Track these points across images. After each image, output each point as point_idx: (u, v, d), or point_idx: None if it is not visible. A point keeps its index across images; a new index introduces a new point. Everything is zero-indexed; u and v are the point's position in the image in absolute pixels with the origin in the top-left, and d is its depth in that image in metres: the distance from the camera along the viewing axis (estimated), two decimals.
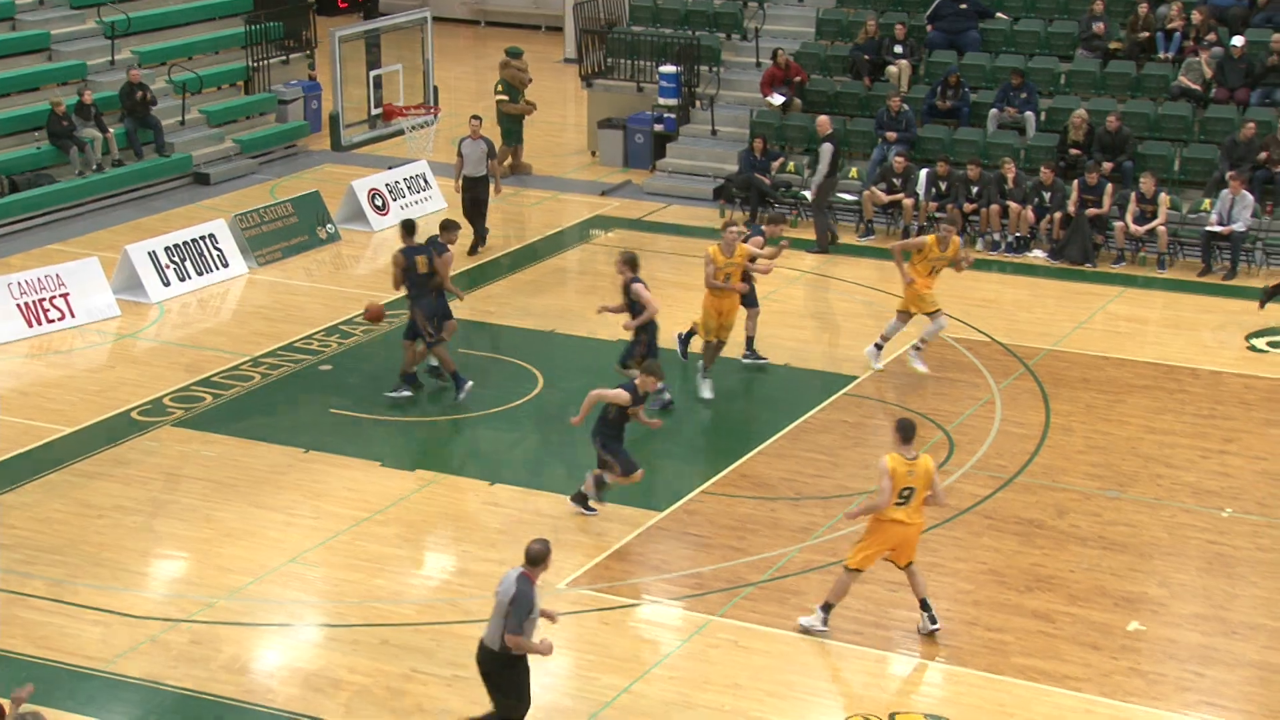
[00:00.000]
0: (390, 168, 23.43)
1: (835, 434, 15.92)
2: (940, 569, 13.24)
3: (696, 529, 13.94)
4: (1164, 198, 20.70)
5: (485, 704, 10.55)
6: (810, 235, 21.63)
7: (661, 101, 24.87)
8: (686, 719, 11.25)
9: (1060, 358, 17.78)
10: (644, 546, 13.65)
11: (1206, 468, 15.19)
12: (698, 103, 24.98)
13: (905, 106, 22.84)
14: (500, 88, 24.74)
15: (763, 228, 17.55)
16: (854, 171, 22.88)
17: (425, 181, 23.32)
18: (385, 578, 13.10)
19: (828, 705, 11.51)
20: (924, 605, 12.25)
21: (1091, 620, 12.52)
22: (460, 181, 21.17)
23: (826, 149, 21.29)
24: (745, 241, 16.56)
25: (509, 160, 24.49)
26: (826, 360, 17.60)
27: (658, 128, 24.88)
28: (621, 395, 13.74)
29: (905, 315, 16.95)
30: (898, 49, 23.83)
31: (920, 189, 21.60)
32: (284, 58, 27.12)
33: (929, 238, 16.89)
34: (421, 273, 16.07)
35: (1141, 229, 20.51)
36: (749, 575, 13.14)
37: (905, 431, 11.96)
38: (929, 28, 24.05)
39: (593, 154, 25.93)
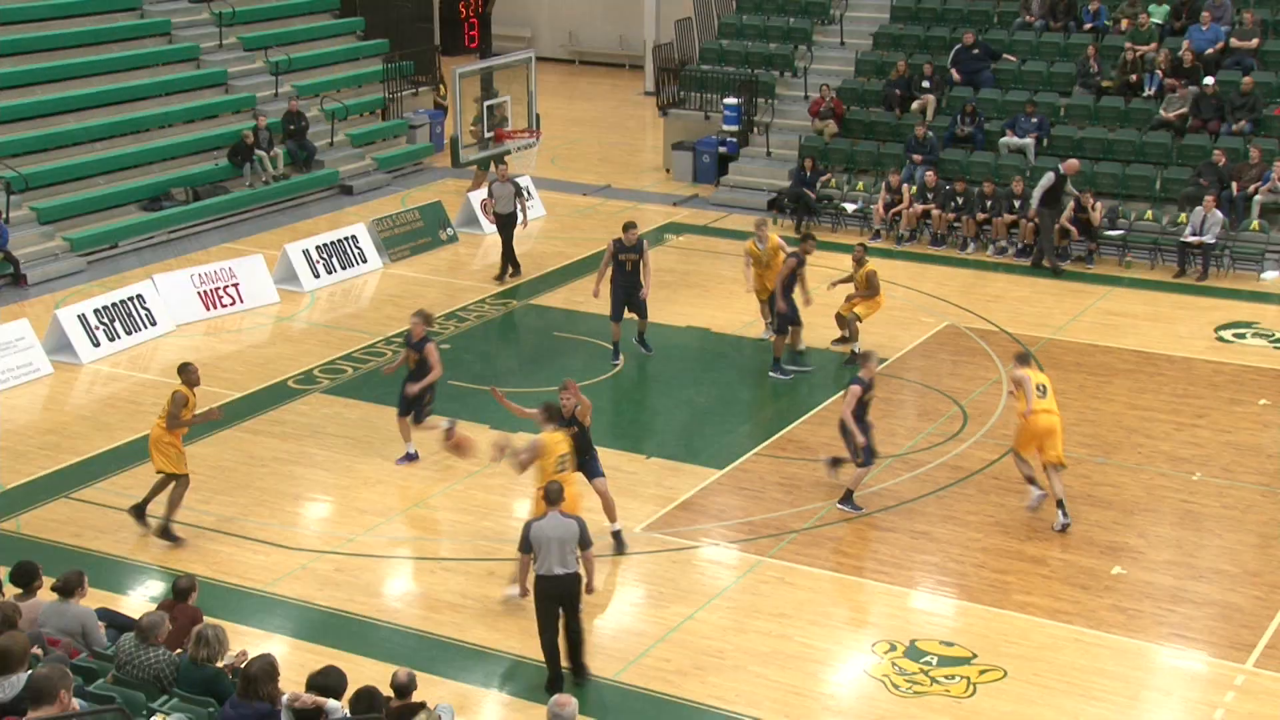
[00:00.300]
0: (514, 178, 23.43)
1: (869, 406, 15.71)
2: (954, 520, 13.08)
3: (750, 484, 13.86)
4: (1098, 206, 20.44)
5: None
6: (842, 239, 21.46)
7: (725, 128, 24.70)
8: (741, 641, 11.19)
9: (1057, 345, 17.48)
10: (706, 499, 13.59)
11: (1180, 439, 14.88)
12: (755, 129, 24.78)
13: (930, 133, 22.56)
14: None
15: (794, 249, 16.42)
16: (860, 185, 22.69)
17: (529, 193, 23.28)
18: (491, 520, 13.14)
19: (860, 632, 11.42)
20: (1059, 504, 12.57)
21: (1081, 565, 12.32)
22: (491, 217, 20.32)
23: (1048, 177, 20.01)
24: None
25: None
26: (863, 344, 17.40)
27: (722, 150, 24.73)
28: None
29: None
30: (925, 84, 23.53)
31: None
32: (414, 90, 27.24)
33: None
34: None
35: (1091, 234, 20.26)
36: (794, 523, 13.04)
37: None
38: (952, 70, 23.70)
39: (667, 171, 25.81)
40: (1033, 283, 19.98)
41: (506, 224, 19.77)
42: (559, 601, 10.26)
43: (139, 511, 12.72)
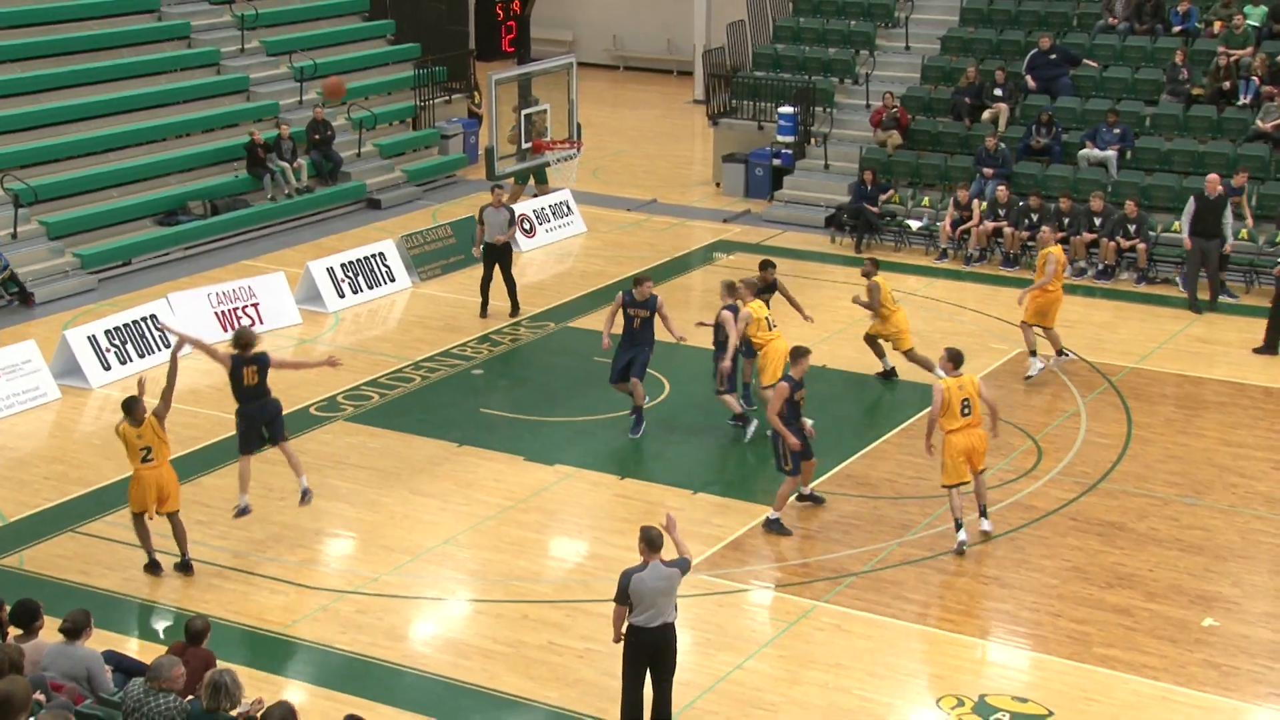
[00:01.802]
0: (534, 195, 23.59)
1: (933, 440, 15.61)
2: (1027, 565, 12.96)
3: (804, 523, 13.80)
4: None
5: (615, 674, 10.47)
6: (906, 259, 21.41)
7: (780, 139, 24.73)
8: (793, 694, 11.13)
9: (1142, 375, 17.32)
10: (756, 538, 13.54)
11: (1278, 478, 14.66)
12: (813, 140, 24.80)
13: (1002, 145, 22.48)
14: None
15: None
16: (926, 200, 22.66)
17: (568, 208, 23.43)
18: (526, 559, 13.15)
19: (923, 686, 11.32)
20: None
21: (1168, 616, 12.16)
22: (479, 248, 19.38)
23: (1190, 205, 19.67)
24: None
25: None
26: (925, 372, 17.31)
27: (776, 162, 24.74)
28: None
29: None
30: (997, 92, 23.46)
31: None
32: (447, 98, 27.47)
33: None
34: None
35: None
36: (852, 566, 12.97)
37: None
38: (1027, 77, 23.62)
39: (717, 185, 25.86)
40: (1115, 307, 19.82)
41: (500, 255, 19.12)
42: (652, 655, 10.07)
43: (186, 566, 12.75)
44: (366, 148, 25.31)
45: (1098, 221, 20.87)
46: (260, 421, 13.39)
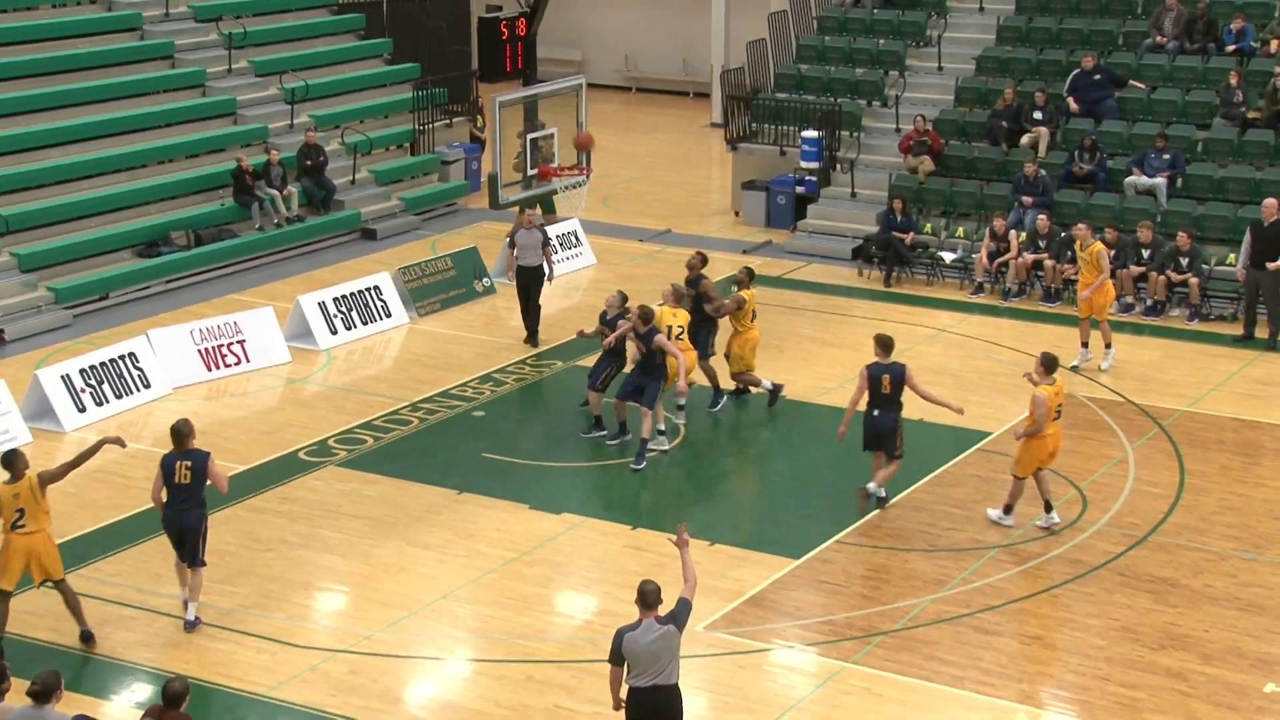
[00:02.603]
0: (542, 225, 23.64)
1: (968, 488, 15.62)
2: (1073, 624, 12.88)
3: (830, 577, 13.75)
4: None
5: None
6: (938, 294, 21.43)
7: (803, 165, 24.82)
8: None
9: (1195, 419, 17.27)
10: (778, 593, 13.49)
11: None
12: (838, 166, 24.89)
13: (1043, 172, 22.52)
14: None
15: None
16: (960, 231, 22.71)
17: (577, 239, 23.50)
18: (531, 615, 13.11)
19: None
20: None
21: (1227, 681, 12.07)
22: (513, 273, 19.85)
23: (1246, 238, 19.75)
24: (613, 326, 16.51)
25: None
26: (959, 417, 17.26)
27: (799, 189, 24.83)
28: None
29: None
30: (1037, 115, 23.53)
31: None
32: (447, 122, 27.64)
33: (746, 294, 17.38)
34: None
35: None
36: (882, 624, 12.91)
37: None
38: (1069, 99, 23.68)
39: (736, 214, 25.94)
40: (1166, 345, 19.80)
41: (532, 278, 19.54)
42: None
43: (87, 638, 12.45)
44: (361, 174, 25.45)
45: (1146, 254, 20.88)
46: (174, 529, 12.75)
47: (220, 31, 25.98)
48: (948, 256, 22.40)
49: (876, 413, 14.86)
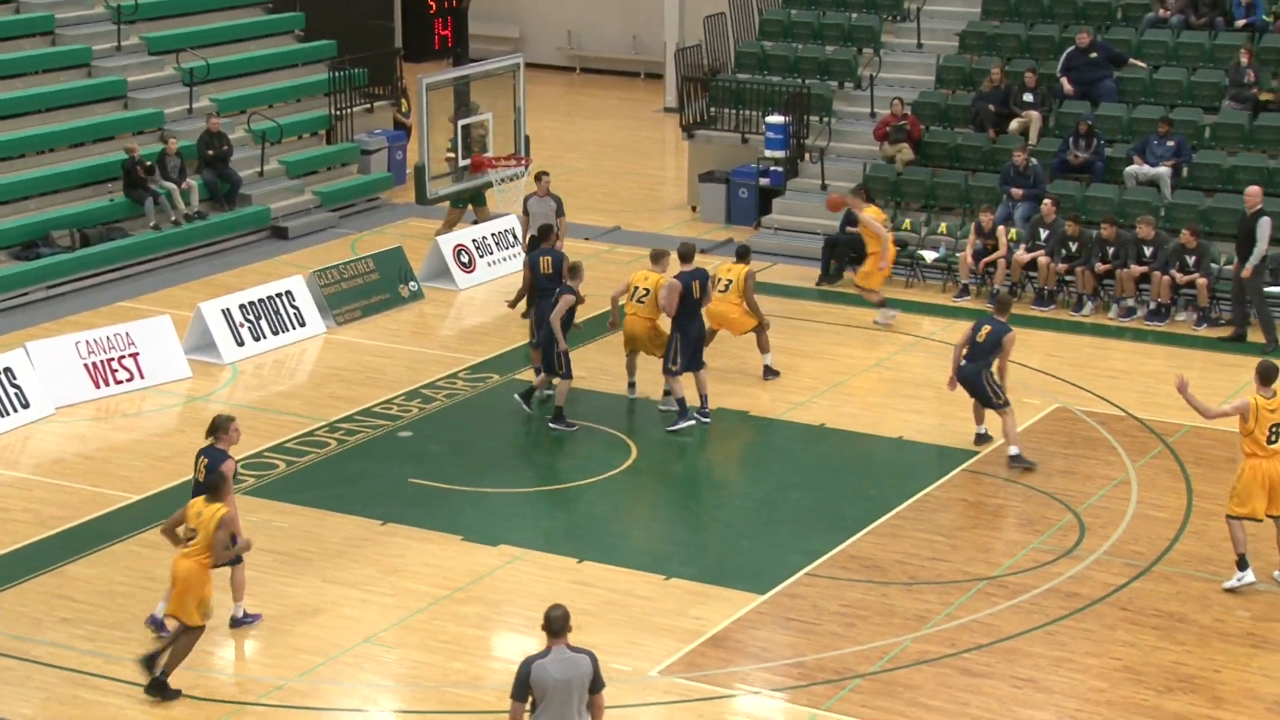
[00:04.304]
0: (473, 222, 23.70)
1: (954, 513, 15.75)
2: (1070, 664, 13.01)
3: (800, 614, 13.82)
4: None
5: None
6: (922, 297, 21.61)
7: (768, 154, 24.95)
8: None
9: (1203, 435, 17.47)
10: (743, 632, 13.55)
11: None
12: (807, 155, 25.02)
13: (1033, 161, 22.70)
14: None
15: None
16: (943, 227, 22.93)
17: (514, 237, 23.53)
18: (464, 660, 13.12)
19: None
20: None
21: None
22: (527, 241, 21.02)
23: (1266, 224, 20.01)
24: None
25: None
26: (943, 433, 17.44)
27: (763, 181, 24.95)
28: None
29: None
30: (1027, 97, 23.73)
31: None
32: (368, 106, 27.59)
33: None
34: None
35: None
36: (858, 666, 12.99)
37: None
38: (1063, 79, 23.91)
39: (693, 209, 26.03)
40: (1171, 353, 20.03)
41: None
42: None
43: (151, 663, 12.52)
44: (271, 165, 25.37)
45: (1148, 252, 21.11)
46: None
47: (107, 4, 25.84)
48: (929, 256, 22.54)
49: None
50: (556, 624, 9.93)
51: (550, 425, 17.44)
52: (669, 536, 15.52)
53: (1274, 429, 13.83)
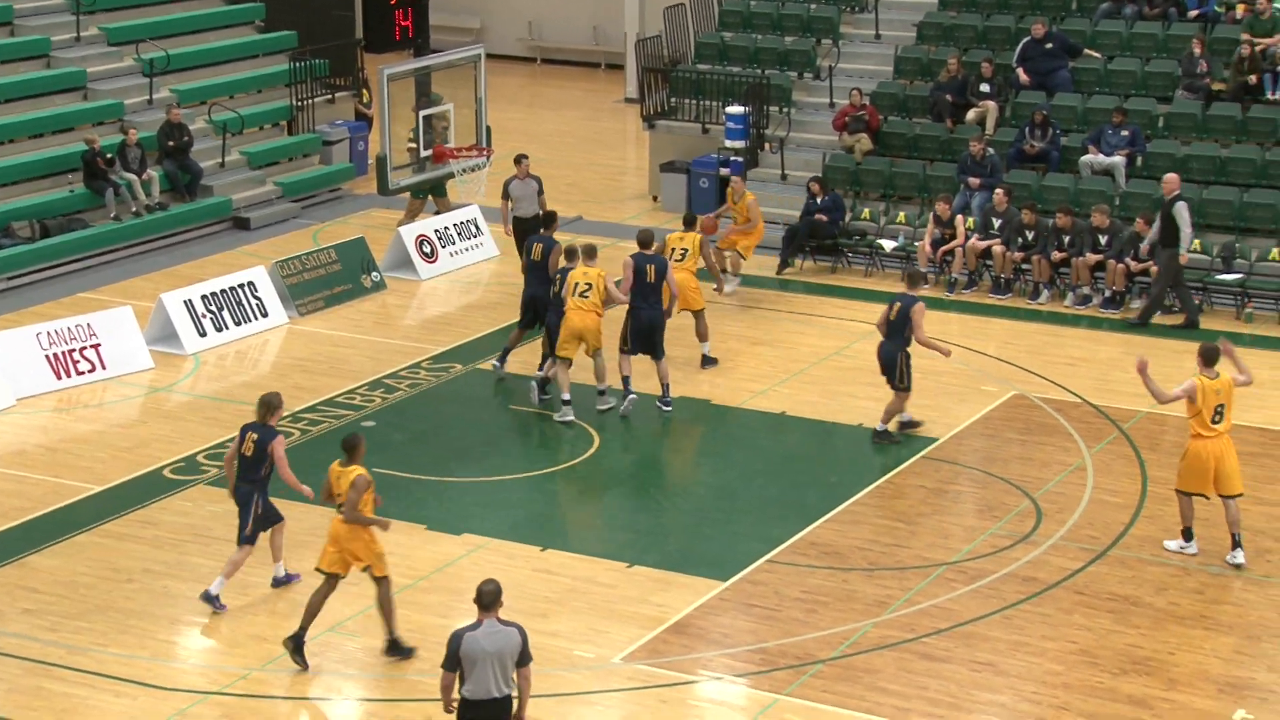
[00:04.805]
0: (435, 212, 23.64)
1: (913, 500, 15.83)
2: (1027, 648, 13.10)
3: (762, 600, 13.87)
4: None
5: None
6: (877, 285, 21.66)
7: (728, 144, 24.97)
8: None
9: (1158, 420, 17.59)
10: (705, 619, 13.59)
11: None
12: (767, 145, 25.08)
13: (990, 150, 22.81)
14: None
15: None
16: (901, 216, 23.02)
17: (476, 228, 23.50)
18: (429, 649, 13.10)
19: None
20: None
21: (1194, 708, 12.33)
22: (510, 225, 21.23)
23: (1183, 208, 20.30)
24: None
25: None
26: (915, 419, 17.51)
27: (724, 171, 24.96)
28: None
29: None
30: (984, 88, 23.82)
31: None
32: (329, 97, 27.49)
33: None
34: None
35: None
36: (819, 651, 13.05)
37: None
38: (1019, 70, 24.02)
39: (654, 199, 26.05)
40: (1125, 341, 20.15)
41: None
42: None
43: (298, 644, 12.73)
44: (232, 156, 25.27)
45: (1103, 240, 21.25)
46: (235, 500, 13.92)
47: None
48: (887, 245, 22.63)
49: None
50: (487, 598, 10.35)
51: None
52: (631, 524, 15.54)
53: (1219, 409, 14.07)
